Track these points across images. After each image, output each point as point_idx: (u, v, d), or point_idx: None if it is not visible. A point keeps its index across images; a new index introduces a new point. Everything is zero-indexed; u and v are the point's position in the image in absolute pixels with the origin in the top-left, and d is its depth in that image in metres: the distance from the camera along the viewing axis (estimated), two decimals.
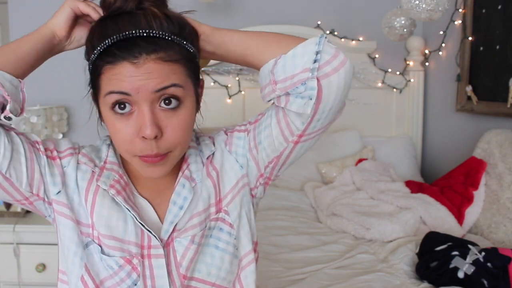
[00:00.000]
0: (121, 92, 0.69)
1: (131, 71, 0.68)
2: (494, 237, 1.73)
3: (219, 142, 0.86)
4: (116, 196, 0.77)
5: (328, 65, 0.69)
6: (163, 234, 0.78)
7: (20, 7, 2.46)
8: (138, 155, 0.72)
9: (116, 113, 0.71)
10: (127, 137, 0.71)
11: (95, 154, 0.83)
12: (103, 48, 0.69)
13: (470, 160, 1.97)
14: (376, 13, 2.50)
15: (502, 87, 2.00)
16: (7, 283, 2.18)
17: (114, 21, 0.70)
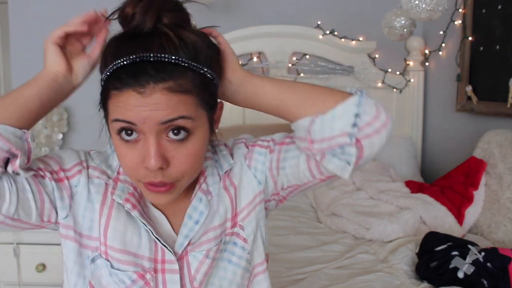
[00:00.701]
0: (126, 121, 0.66)
1: (137, 100, 0.65)
2: (494, 237, 1.73)
3: (239, 156, 0.82)
4: (132, 210, 0.75)
5: (369, 126, 0.67)
6: (178, 247, 0.77)
7: (20, 7, 2.46)
8: (142, 181, 0.70)
9: (122, 139, 0.68)
10: (132, 164, 0.69)
11: (105, 164, 0.79)
12: (112, 69, 0.67)
13: (470, 160, 1.97)
14: (376, 13, 2.50)
15: (502, 87, 2.00)
16: (7, 283, 2.18)
17: (128, 42, 0.67)
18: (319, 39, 2.59)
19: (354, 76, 2.62)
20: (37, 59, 2.77)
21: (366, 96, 0.69)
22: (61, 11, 2.47)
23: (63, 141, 2.43)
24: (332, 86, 0.75)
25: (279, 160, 0.78)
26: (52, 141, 2.32)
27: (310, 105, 0.71)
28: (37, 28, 2.47)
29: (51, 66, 0.74)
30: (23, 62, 2.47)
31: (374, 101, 0.69)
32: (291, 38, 2.57)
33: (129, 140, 0.68)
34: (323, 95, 0.71)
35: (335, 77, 2.61)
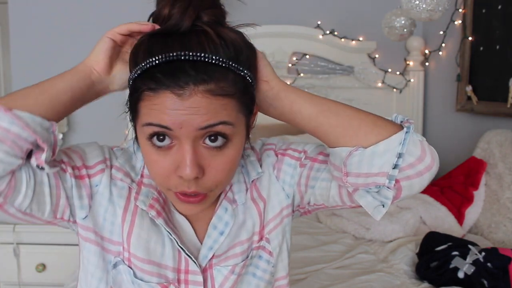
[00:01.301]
0: (161, 125, 0.60)
1: (175, 103, 0.59)
2: (494, 237, 1.73)
3: (268, 165, 0.77)
4: (157, 218, 0.70)
5: (411, 168, 0.62)
6: (201, 259, 0.73)
7: (20, 7, 2.46)
8: (175, 191, 0.64)
9: (153, 145, 0.63)
10: (163, 171, 0.63)
11: (129, 165, 0.74)
12: (145, 68, 0.61)
13: (470, 160, 1.97)
14: (376, 13, 2.50)
15: (502, 87, 2.00)
16: (7, 283, 2.18)
17: (164, 39, 0.62)
18: (319, 39, 2.59)
19: (354, 76, 2.62)
20: (37, 59, 2.79)
21: (413, 133, 0.62)
22: (61, 11, 2.48)
23: (63, 141, 2.43)
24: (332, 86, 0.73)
25: (309, 178, 0.74)
26: None
27: (350, 135, 0.65)
28: (37, 28, 2.47)
29: (91, 61, 0.69)
30: (23, 62, 2.47)
31: (421, 138, 0.63)
32: (291, 38, 2.57)
33: (161, 147, 0.62)
34: (366, 125, 0.64)
35: (335, 77, 2.61)
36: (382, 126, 0.64)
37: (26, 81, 0.75)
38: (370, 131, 0.64)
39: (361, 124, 0.65)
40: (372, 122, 0.65)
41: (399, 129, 0.64)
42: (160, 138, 0.62)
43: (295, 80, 2.59)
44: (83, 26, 2.46)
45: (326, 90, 2.61)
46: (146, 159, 0.66)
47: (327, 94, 2.61)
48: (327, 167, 0.72)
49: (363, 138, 0.63)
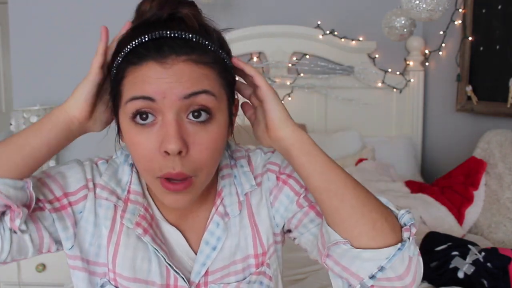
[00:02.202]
0: (144, 97, 0.59)
1: (157, 71, 0.59)
2: (494, 237, 1.73)
3: (266, 189, 0.74)
4: (143, 236, 0.67)
5: (388, 281, 0.60)
6: (194, 276, 0.71)
7: (20, 7, 2.46)
8: (158, 177, 0.62)
9: (136, 124, 0.61)
10: (146, 152, 0.61)
11: (114, 181, 0.71)
12: (129, 49, 0.61)
13: (470, 160, 1.96)
14: (376, 13, 2.50)
15: (502, 87, 2.00)
16: (7, 283, 2.18)
17: (146, 26, 0.62)
18: (319, 39, 2.59)
19: (354, 76, 2.62)
20: (37, 59, 2.79)
21: (407, 249, 0.60)
22: (61, 11, 2.48)
23: None
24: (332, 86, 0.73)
25: (300, 223, 0.72)
26: None
27: (345, 227, 0.62)
28: (37, 28, 2.47)
29: (71, 109, 0.65)
30: (23, 62, 2.47)
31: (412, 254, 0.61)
32: (291, 38, 2.57)
33: (144, 124, 0.61)
34: (364, 224, 0.61)
35: (335, 77, 2.61)
36: (380, 231, 0.61)
37: (26, 81, 0.75)
38: (365, 233, 0.61)
39: (359, 221, 0.62)
40: (372, 222, 0.61)
41: (395, 240, 0.61)
42: (142, 117, 0.61)
43: (295, 80, 2.59)
44: (83, 26, 2.46)
45: (326, 90, 2.61)
46: (129, 146, 0.64)
47: (327, 94, 2.62)
48: (319, 224, 0.70)
49: (356, 236, 0.61)
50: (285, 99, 2.61)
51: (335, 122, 2.66)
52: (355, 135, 2.54)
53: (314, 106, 2.65)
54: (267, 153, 0.79)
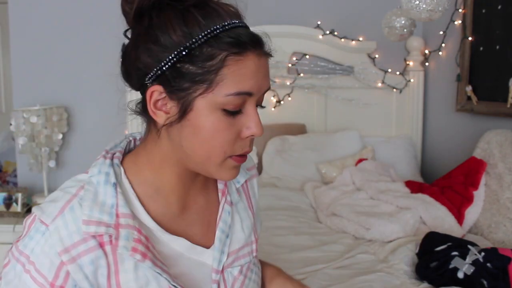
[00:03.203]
0: (248, 93, 0.62)
1: (256, 65, 0.61)
2: (494, 237, 1.73)
3: (255, 190, 0.84)
4: (142, 261, 0.63)
5: None
6: (216, 264, 0.73)
7: (20, 7, 2.46)
8: (235, 155, 0.66)
9: (226, 114, 0.63)
10: (231, 136, 0.64)
11: (98, 208, 0.64)
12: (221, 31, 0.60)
13: (470, 160, 1.97)
14: (376, 13, 2.50)
15: (502, 87, 2.00)
16: None
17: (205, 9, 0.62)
18: (319, 39, 2.59)
19: (354, 76, 2.62)
20: (37, 59, 2.79)
21: None
22: (61, 11, 2.47)
23: (63, 141, 2.43)
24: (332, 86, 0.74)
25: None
26: (52, 141, 2.32)
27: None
28: (37, 28, 2.47)
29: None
30: (23, 62, 2.47)
31: None
32: (291, 38, 2.57)
33: (235, 113, 0.63)
34: None
35: (335, 77, 2.61)
36: None
37: (26, 81, 0.75)
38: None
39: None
40: None
41: None
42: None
43: (295, 80, 2.59)
44: (83, 26, 2.46)
45: (326, 90, 2.62)
46: (210, 129, 0.63)
47: (327, 94, 2.62)
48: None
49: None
50: (285, 99, 2.61)
51: (335, 122, 2.66)
52: (355, 135, 2.54)
53: (314, 106, 2.65)
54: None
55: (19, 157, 2.47)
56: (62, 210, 0.63)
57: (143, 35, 0.63)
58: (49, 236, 0.61)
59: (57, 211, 0.63)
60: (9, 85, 3.18)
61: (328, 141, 2.49)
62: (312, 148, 2.44)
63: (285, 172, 2.37)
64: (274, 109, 2.61)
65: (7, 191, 2.31)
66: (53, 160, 2.35)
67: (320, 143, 2.47)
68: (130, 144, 0.75)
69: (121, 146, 0.72)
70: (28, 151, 2.28)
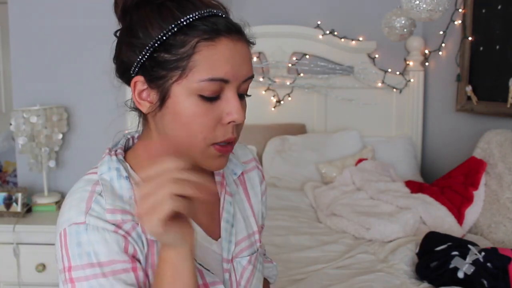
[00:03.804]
0: (222, 79, 0.62)
1: (232, 51, 0.62)
2: (494, 237, 1.73)
3: (258, 180, 0.85)
4: None
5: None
6: (226, 254, 0.74)
7: (20, 7, 2.46)
8: (217, 142, 0.66)
9: (203, 99, 0.63)
10: (211, 122, 0.64)
11: (118, 199, 0.65)
12: (189, 20, 0.61)
13: (470, 160, 1.96)
14: (376, 13, 2.50)
15: (502, 87, 2.00)
16: (7, 283, 2.18)
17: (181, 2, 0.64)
18: (319, 39, 2.59)
19: (354, 76, 2.62)
20: (37, 59, 2.78)
21: None
22: (61, 11, 2.47)
23: (63, 141, 2.43)
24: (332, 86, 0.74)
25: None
26: (52, 141, 2.32)
27: None
28: (37, 28, 2.47)
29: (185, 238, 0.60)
30: (23, 62, 2.47)
31: None
32: (291, 38, 2.57)
33: (212, 99, 0.64)
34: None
35: (335, 77, 2.61)
36: None
37: (26, 81, 0.75)
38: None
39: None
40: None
41: None
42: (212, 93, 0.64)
43: (295, 80, 2.59)
44: (83, 26, 2.46)
45: (326, 90, 2.62)
46: (189, 115, 0.64)
47: (327, 94, 2.62)
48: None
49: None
50: (285, 99, 2.61)
51: (335, 122, 2.66)
52: (355, 135, 2.54)
53: (314, 106, 2.65)
54: (244, 144, 0.88)
55: (19, 157, 2.47)
56: (88, 207, 0.63)
57: (126, 32, 0.68)
58: (94, 226, 0.61)
59: (83, 208, 0.62)
60: (9, 85, 3.18)
61: (328, 141, 2.49)
62: (312, 148, 2.43)
63: (285, 172, 2.37)
64: (274, 109, 2.61)
65: (7, 191, 2.31)
66: (53, 160, 2.35)
67: (320, 143, 2.47)
68: (129, 142, 0.77)
69: (120, 144, 0.74)
70: (28, 151, 2.28)
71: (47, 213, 2.32)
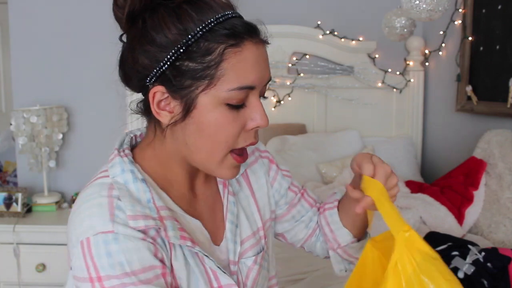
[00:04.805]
0: (250, 87, 0.61)
1: (256, 56, 0.60)
2: (494, 237, 1.73)
3: (264, 171, 0.83)
4: (193, 247, 0.64)
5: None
6: (233, 256, 0.73)
7: (20, 7, 2.46)
8: (237, 149, 0.65)
9: (230, 108, 0.62)
10: (236, 130, 0.63)
11: (138, 204, 0.62)
12: (215, 24, 0.59)
13: (470, 160, 1.96)
14: (376, 13, 2.50)
15: (502, 87, 2.00)
16: (7, 283, 2.18)
17: (197, 4, 0.61)
18: (319, 39, 2.59)
19: (354, 76, 2.62)
20: (37, 59, 2.78)
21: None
22: (61, 11, 2.47)
23: (63, 141, 2.43)
24: (332, 86, 0.75)
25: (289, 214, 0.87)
26: (52, 141, 2.32)
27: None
28: (37, 28, 2.47)
29: None
30: (23, 62, 2.47)
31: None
32: (291, 38, 2.57)
33: (239, 106, 0.62)
34: None
35: (335, 77, 2.61)
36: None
37: (26, 81, 0.75)
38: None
39: None
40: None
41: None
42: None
43: (295, 80, 2.59)
44: (83, 26, 2.46)
45: (326, 90, 2.61)
46: (215, 124, 0.62)
47: (327, 94, 2.62)
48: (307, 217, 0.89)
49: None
50: (285, 99, 2.61)
51: (335, 122, 2.66)
52: (355, 135, 2.54)
53: (314, 106, 2.65)
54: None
55: (19, 157, 2.47)
56: (112, 213, 0.60)
57: (139, 38, 0.63)
58: (123, 236, 0.59)
59: (107, 216, 0.59)
60: (9, 85, 3.18)
61: (328, 141, 2.49)
62: (312, 148, 2.43)
63: None
64: (274, 109, 2.61)
65: (7, 191, 2.31)
66: (53, 160, 2.35)
67: (320, 143, 2.47)
68: (132, 141, 0.75)
69: (126, 143, 0.71)
70: (28, 151, 2.28)
71: (47, 213, 2.32)
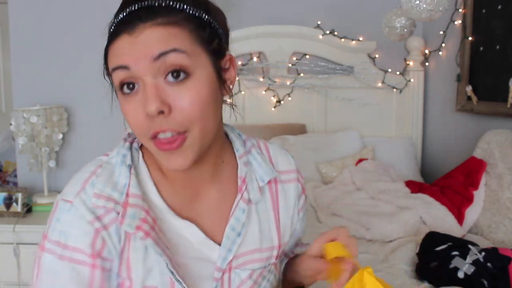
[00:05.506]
0: (120, 66, 0.63)
1: (129, 42, 0.62)
2: (494, 237, 1.73)
3: (297, 193, 0.84)
4: (144, 239, 0.65)
5: None
6: (221, 262, 0.71)
7: (20, 7, 2.46)
8: (151, 138, 0.64)
9: (124, 94, 0.64)
10: (136, 117, 0.63)
11: (110, 185, 0.67)
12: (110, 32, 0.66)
13: (470, 160, 1.96)
14: (376, 13, 2.50)
15: (502, 87, 2.00)
16: (7, 283, 2.18)
17: (122, 7, 0.67)
18: (319, 39, 2.59)
19: (354, 76, 2.62)
20: (37, 59, 2.78)
21: None
22: (61, 11, 2.47)
23: (63, 141, 2.43)
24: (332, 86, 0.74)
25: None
26: (52, 141, 2.32)
27: None
28: (37, 28, 2.47)
29: None
30: (23, 62, 2.47)
31: None
32: (291, 38, 2.57)
33: (129, 93, 0.64)
34: None
35: (335, 77, 2.61)
36: None
37: (26, 81, 0.75)
38: None
39: None
40: None
41: None
42: (129, 87, 0.64)
43: (295, 80, 2.59)
44: (83, 26, 2.46)
45: (326, 90, 2.61)
46: (123, 113, 0.66)
47: (327, 94, 2.62)
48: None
49: None
50: (285, 99, 2.61)
51: (335, 122, 2.66)
52: (355, 135, 2.54)
53: (314, 106, 2.65)
54: (286, 151, 0.86)
55: (19, 157, 2.47)
56: (83, 187, 0.67)
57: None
58: (76, 210, 0.65)
59: (78, 188, 0.67)
60: (9, 85, 3.18)
61: (328, 141, 2.49)
62: (312, 148, 2.43)
63: None
64: (274, 109, 2.61)
65: (7, 191, 2.31)
66: (53, 160, 2.35)
67: (320, 143, 2.47)
68: None
69: None
70: (28, 151, 2.28)
71: (47, 213, 2.31)
